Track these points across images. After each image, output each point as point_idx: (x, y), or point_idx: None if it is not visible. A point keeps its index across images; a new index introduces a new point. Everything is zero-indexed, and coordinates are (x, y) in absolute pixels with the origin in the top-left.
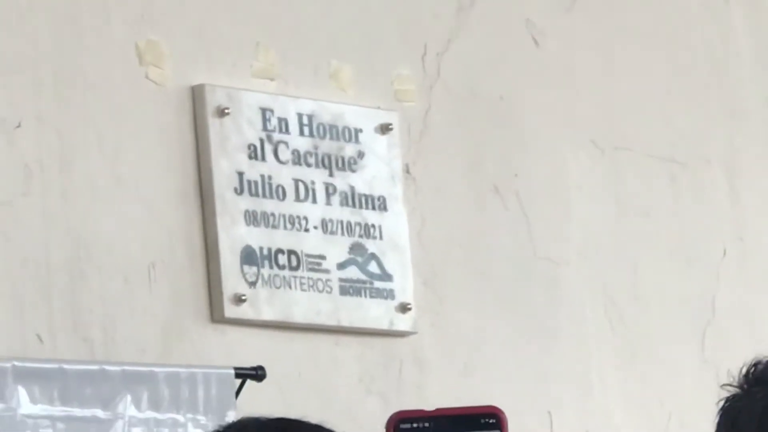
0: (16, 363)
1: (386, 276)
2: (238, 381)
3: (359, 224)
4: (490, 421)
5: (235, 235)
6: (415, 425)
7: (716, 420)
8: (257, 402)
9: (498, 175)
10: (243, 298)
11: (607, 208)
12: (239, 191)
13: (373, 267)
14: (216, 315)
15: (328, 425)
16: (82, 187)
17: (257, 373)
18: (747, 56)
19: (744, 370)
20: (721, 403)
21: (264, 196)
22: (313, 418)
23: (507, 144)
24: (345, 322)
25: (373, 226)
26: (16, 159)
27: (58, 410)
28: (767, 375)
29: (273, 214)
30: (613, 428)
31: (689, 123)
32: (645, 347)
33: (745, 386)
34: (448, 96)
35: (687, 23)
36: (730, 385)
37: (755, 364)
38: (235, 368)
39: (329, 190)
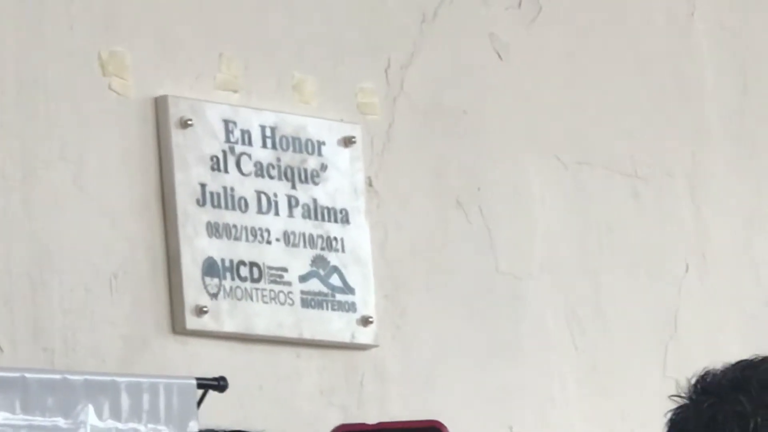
0: None
1: (348, 289)
2: (200, 392)
3: (321, 237)
4: None
5: (197, 246)
6: None
7: (665, 430)
8: (219, 413)
9: (461, 188)
10: (205, 309)
11: (570, 222)
12: (201, 203)
13: (335, 280)
14: (177, 326)
15: None
16: (44, 196)
17: (219, 384)
18: (710, 73)
19: (693, 381)
20: (669, 414)
21: (226, 207)
22: (274, 430)
23: (470, 158)
24: (307, 335)
25: (335, 239)
26: None
27: (19, 419)
28: (714, 386)
29: (235, 226)
30: None
31: (652, 138)
32: (607, 362)
33: (693, 396)
34: (412, 109)
35: (651, 39)
36: (679, 396)
37: (704, 376)
38: (197, 379)
39: (292, 203)
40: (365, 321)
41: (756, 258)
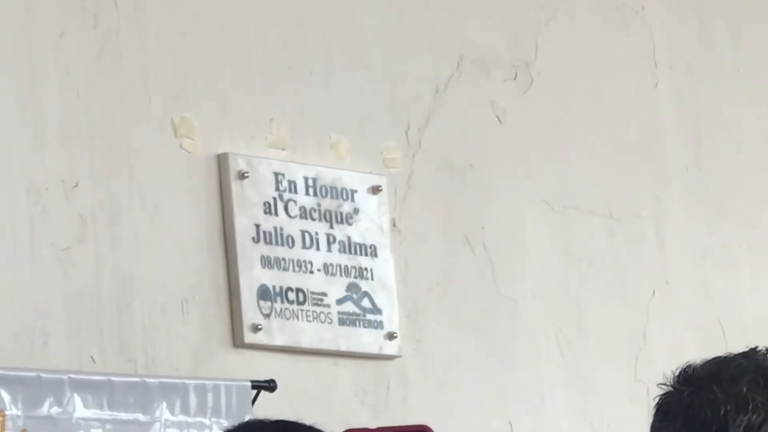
0: (71, 375)
1: (377, 310)
2: (254, 392)
3: (354, 267)
4: None
5: (253, 275)
6: None
7: (652, 412)
8: (269, 410)
9: (468, 228)
10: (259, 327)
11: (557, 255)
12: (256, 240)
13: (365, 303)
14: (237, 340)
15: (319, 426)
16: (127, 236)
17: (269, 385)
18: (671, 132)
19: (676, 373)
20: (656, 399)
21: (277, 244)
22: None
23: (475, 203)
24: (343, 347)
25: (365, 269)
26: (73, 213)
27: (106, 414)
28: (694, 377)
29: (284, 259)
30: None
31: (624, 186)
32: (587, 369)
33: (676, 385)
34: (428, 164)
35: (623, 105)
36: (665, 384)
37: (685, 368)
38: (252, 381)
39: (330, 240)
40: (390, 336)
41: (708, 284)
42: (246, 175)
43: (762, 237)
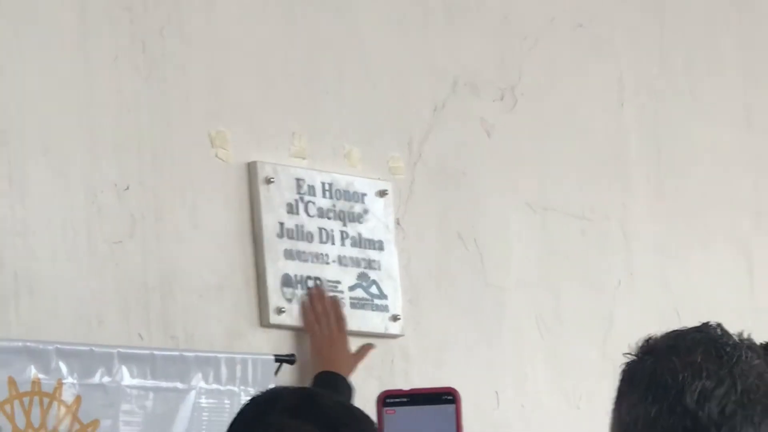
0: (120, 350)
1: (383, 296)
2: (277, 364)
3: (364, 260)
4: (448, 397)
5: (277, 266)
6: (396, 399)
7: (618, 379)
8: (289, 381)
9: (461, 226)
10: (282, 309)
11: (537, 250)
12: (280, 236)
13: (373, 289)
14: (263, 321)
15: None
16: (170, 232)
17: (290, 359)
18: (635, 146)
19: (639, 344)
20: (623, 367)
21: (298, 239)
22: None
23: (467, 205)
24: (354, 327)
25: (373, 261)
26: (124, 212)
27: (149, 383)
28: (655, 347)
29: (304, 252)
30: (540, 404)
31: (595, 192)
32: (563, 348)
33: (639, 354)
34: (427, 172)
35: (594, 123)
36: (630, 354)
37: (647, 340)
38: (275, 355)
39: (343, 236)
40: (394, 318)
41: (666, 276)
42: (272, 180)
43: (712, 236)
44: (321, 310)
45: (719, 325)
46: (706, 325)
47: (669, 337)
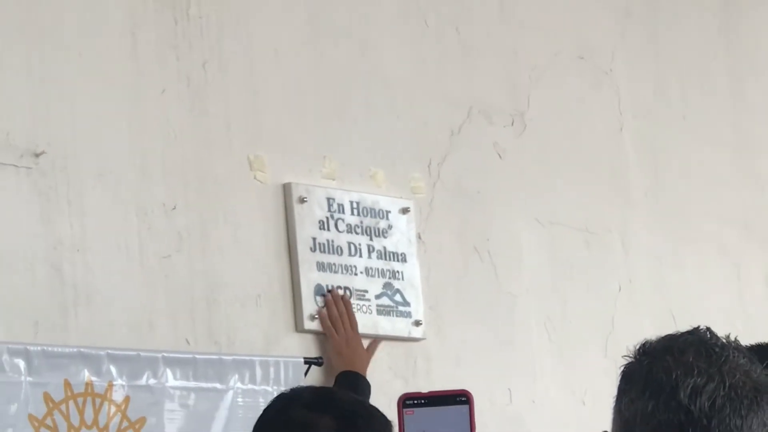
0: (165, 354)
1: (406, 303)
2: (306, 366)
3: (389, 270)
4: (462, 398)
5: (310, 277)
6: (414, 401)
7: (618, 378)
8: (319, 381)
9: (476, 240)
10: (315, 317)
11: (546, 261)
12: (313, 250)
13: (398, 297)
14: (298, 327)
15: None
16: (213, 247)
17: (317, 361)
18: (633, 166)
19: (636, 347)
20: (621, 368)
21: (329, 252)
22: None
23: (482, 220)
24: (380, 332)
25: (397, 272)
26: (172, 229)
27: (191, 384)
28: (651, 349)
29: (334, 264)
30: (548, 399)
31: (597, 207)
32: (569, 349)
33: (637, 356)
34: (445, 191)
35: (596, 145)
36: (628, 356)
37: (644, 343)
38: (304, 358)
39: (370, 249)
40: (417, 323)
41: (663, 283)
42: (305, 199)
43: (704, 247)
44: (336, 314)
45: (708, 328)
46: (696, 329)
47: (663, 340)
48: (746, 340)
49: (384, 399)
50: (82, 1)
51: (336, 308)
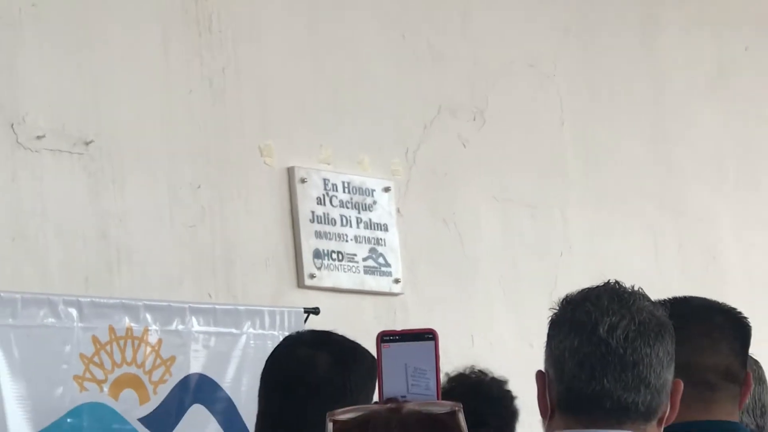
0: (190, 305)
1: (388, 265)
2: (305, 315)
3: (374, 238)
4: (429, 336)
5: (310, 243)
6: (390, 337)
7: (548, 326)
8: (315, 327)
9: (445, 213)
10: (314, 275)
11: (501, 231)
12: (312, 221)
13: (381, 260)
14: (300, 284)
15: (351, 338)
16: (231, 218)
17: (315, 311)
18: (571, 153)
19: (561, 298)
20: (550, 317)
21: (325, 223)
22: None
23: (449, 198)
24: (366, 288)
25: (381, 239)
26: (198, 203)
27: (212, 329)
28: (572, 299)
29: (329, 233)
30: (503, 343)
31: (542, 186)
32: (520, 303)
33: (561, 306)
34: (419, 173)
35: (541, 136)
36: (553, 308)
37: (567, 295)
38: (304, 308)
39: (358, 221)
40: (396, 281)
41: (596, 248)
42: (305, 180)
43: (628, 219)
44: None
45: (617, 281)
46: (607, 282)
47: (582, 291)
48: (661, 295)
49: (370, 342)
50: (126, 18)
51: None
